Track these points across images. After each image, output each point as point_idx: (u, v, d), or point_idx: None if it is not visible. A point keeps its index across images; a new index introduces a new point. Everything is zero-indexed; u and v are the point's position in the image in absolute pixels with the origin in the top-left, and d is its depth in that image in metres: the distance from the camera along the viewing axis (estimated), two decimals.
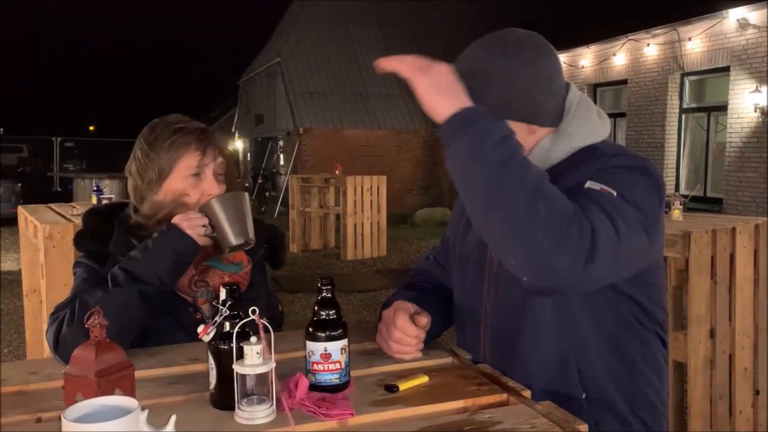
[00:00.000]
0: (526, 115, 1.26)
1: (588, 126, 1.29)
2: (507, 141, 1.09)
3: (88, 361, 0.97)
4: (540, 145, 1.28)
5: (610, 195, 1.13)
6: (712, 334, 2.92)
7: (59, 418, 0.83)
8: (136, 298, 1.33)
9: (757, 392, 3.05)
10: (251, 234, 1.42)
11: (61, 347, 1.31)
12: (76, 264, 1.49)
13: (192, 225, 1.38)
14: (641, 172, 1.21)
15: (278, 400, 1.03)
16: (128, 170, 1.52)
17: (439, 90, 1.11)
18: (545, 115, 1.27)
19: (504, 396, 1.12)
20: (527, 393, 1.12)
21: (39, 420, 1.05)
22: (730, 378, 2.97)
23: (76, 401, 0.91)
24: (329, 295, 1.13)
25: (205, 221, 1.40)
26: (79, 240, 1.50)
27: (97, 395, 0.92)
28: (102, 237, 1.47)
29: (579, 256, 1.03)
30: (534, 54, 1.25)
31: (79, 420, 0.81)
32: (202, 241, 1.39)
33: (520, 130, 1.25)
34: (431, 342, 1.37)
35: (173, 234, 1.37)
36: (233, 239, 1.39)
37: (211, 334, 1.07)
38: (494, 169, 1.06)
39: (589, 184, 1.15)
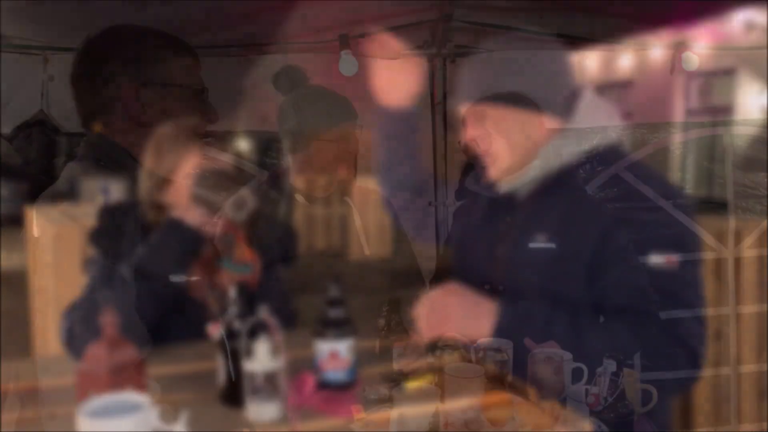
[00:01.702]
0: (542, 108, 1.28)
1: (598, 127, 1.32)
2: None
3: (101, 358, 0.98)
4: (551, 144, 1.29)
5: (675, 265, 1.19)
6: (717, 335, 2.91)
7: (72, 415, 0.85)
8: (147, 295, 1.35)
9: (763, 392, 3.05)
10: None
11: (74, 345, 1.33)
12: (88, 262, 1.51)
13: (179, 207, 1.40)
14: (676, 196, 1.27)
15: (286, 398, 1.04)
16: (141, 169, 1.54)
17: (466, 321, 1.20)
18: (558, 109, 1.30)
19: (509, 395, 1.13)
20: (533, 392, 1.13)
21: (52, 416, 1.06)
22: (736, 377, 2.97)
23: (88, 397, 0.92)
24: (337, 294, 1.14)
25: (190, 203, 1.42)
26: (92, 238, 1.52)
27: (109, 392, 0.93)
28: (114, 235, 1.49)
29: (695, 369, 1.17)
30: (547, 49, 1.29)
31: (93, 415, 0.83)
32: (191, 216, 1.40)
33: (535, 122, 1.28)
34: None
35: (172, 224, 1.40)
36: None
37: (221, 332, 1.09)
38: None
39: (654, 261, 1.19)
